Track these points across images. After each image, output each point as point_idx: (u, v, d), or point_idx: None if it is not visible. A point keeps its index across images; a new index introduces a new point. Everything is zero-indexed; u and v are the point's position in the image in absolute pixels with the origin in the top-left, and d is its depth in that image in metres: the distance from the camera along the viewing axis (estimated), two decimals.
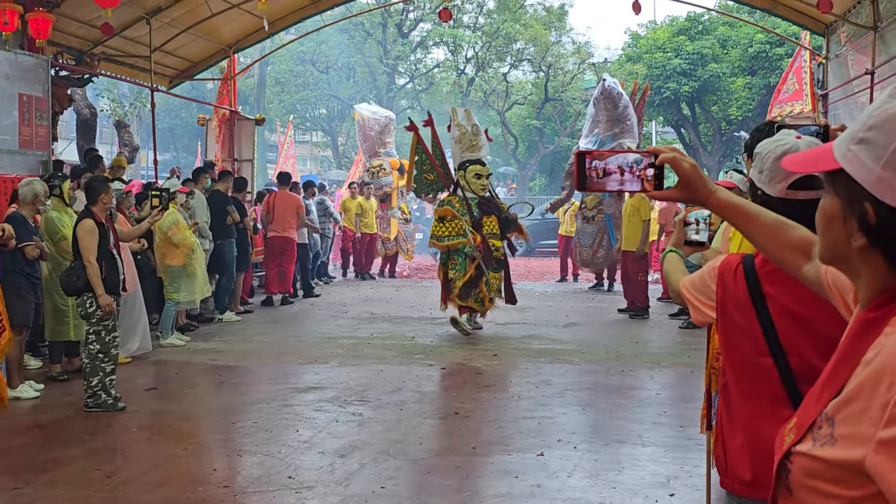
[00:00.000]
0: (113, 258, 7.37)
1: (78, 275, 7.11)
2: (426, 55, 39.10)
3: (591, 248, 15.14)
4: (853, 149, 1.30)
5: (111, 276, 7.30)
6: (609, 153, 1.90)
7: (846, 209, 1.34)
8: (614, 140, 14.78)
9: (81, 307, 7.24)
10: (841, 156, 1.32)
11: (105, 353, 7.22)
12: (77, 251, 7.20)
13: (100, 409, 7.12)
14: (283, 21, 15.77)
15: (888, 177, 1.24)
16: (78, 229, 7.21)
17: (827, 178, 1.39)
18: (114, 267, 7.36)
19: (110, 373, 7.27)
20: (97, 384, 7.17)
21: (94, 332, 7.22)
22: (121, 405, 7.21)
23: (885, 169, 1.25)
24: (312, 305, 13.96)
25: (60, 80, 11.75)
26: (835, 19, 13.43)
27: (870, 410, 1.21)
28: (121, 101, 26.31)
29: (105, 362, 7.21)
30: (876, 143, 1.27)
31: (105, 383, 7.20)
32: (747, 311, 2.44)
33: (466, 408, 7.41)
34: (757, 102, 27.13)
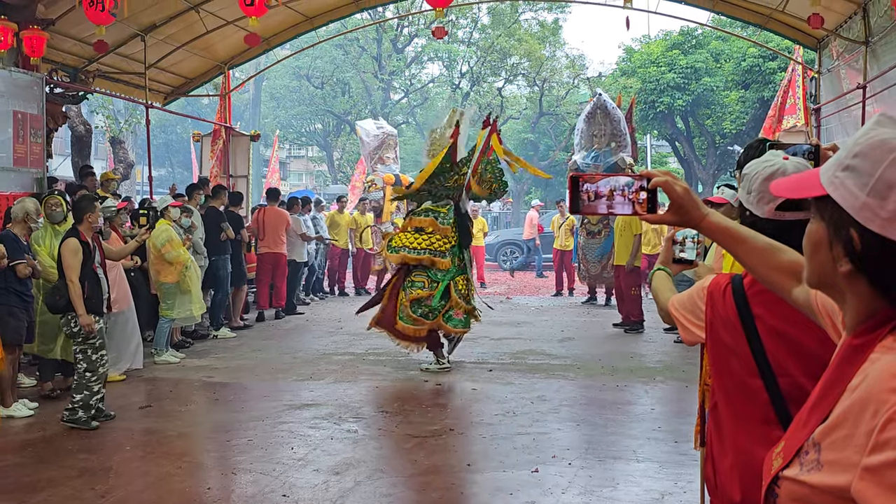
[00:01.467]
0: (97, 277, 7.36)
1: (61, 293, 7.11)
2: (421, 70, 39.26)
3: (601, 262, 15.14)
4: (839, 175, 1.31)
5: (95, 295, 7.28)
6: (601, 176, 1.91)
7: (832, 235, 1.35)
8: (612, 155, 14.84)
9: (66, 326, 7.23)
10: (827, 182, 1.33)
11: (92, 372, 7.20)
12: (62, 270, 7.19)
13: (73, 424, 7.11)
14: (278, 37, 15.84)
15: (873, 204, 1.25)
16: (63, 248, 7.19)
17: (814, 204, 1.40)
18: (97, 286, 7.35)
19: (97, 392, 7.24)
20: (79, 401, 7.16)
21: (81, 350, 7.23)
22: (94, 424, 7.18)
23: (871, 196, 1.26)
24: (308, 321, 13.94)
25: (55, 98, 11.76)
26: (826, 34, 13.50)
27: (855, 437, 1.21)
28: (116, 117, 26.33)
29: (92, 381, 7.19)
30: (861, 170, 1.28)
31: (88, 402, 7.17)
32: (736, 331, 2.44)
33: (461, 424, 7.40)
34: (751, 116, 27.19)
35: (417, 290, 9.52)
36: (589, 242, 15.28)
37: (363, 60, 35.01)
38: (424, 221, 9.77)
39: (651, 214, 1.90)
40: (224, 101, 16.40)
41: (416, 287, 9.54)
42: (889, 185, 1.25)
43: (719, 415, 2.54)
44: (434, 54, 37.73)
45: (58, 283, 7.19)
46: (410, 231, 9.74)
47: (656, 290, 2.93)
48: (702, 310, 2.56)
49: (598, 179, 1.91)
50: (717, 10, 14.89)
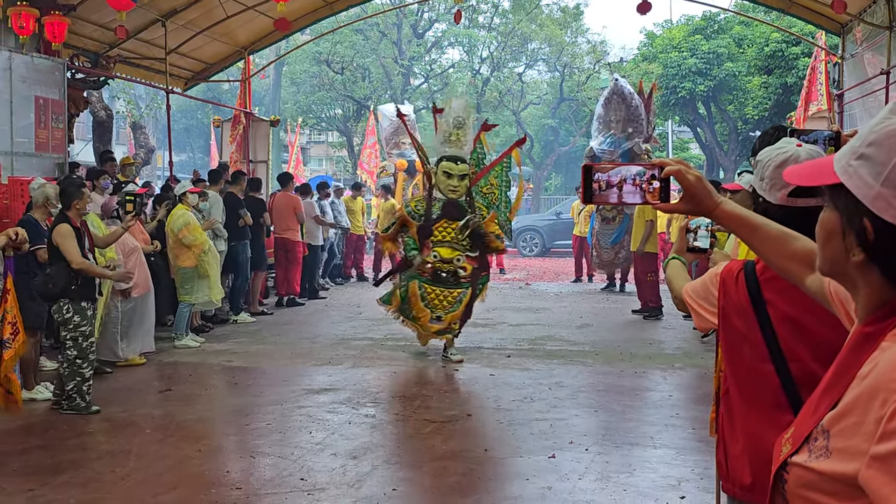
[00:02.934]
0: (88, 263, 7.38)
1: (54, 281, 7.08)
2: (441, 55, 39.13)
3: (614, 248, 15.13)
4: (853, 164, 1.30)
5: (87, 281, 7.28)
6: (614, 165, 1.91)
7: (845, 223, 1.34)
8: (628, 140, 14.77)
9: (58, 313, 7.21)
10: (841, 170, 1.32)
11: (83, 359, 7.22)
12: (53, 257, 7.18)
13: (74, 412, 7.13)
14: (298, 22, 15.83)
15: (887, 194, 1.25)
16: (55, 235, 7.15)
17: (828, 192, 1.39)
18: None
19: (88, 378, 7.25)
20: (73, 388, 7.17)
21: (72, 338, 7.22)
22: (94, 408, 7.21)
23: (885, 186, 1.25)
24: (327, 307, 13.99)
25: (76, 83, 11.84)
26: (850, 19, 13.36)
27: (864, 425, 1.21)
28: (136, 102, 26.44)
29: (83, 367, 7.21)
30: (876, 159, 1.27)
31: (81, 388, 7.19)
32: (748, 317, 2.45)
33: (478, 409, 7.43)
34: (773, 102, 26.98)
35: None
36: (604, 229, 15.26)
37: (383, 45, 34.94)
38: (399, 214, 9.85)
39: (664, 203, 1.90)
40: (244, 87, 16.45)
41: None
42: None
43: (731, 400, 2.55)
44: (454, 39, 37.62)
45: (49, 271, 7.13)
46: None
47: (670, 279, 2.94)
48: (715, 296, 2.57)
49: (611, 169, 1.91)
50: None
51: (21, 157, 9.89)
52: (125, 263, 8.85)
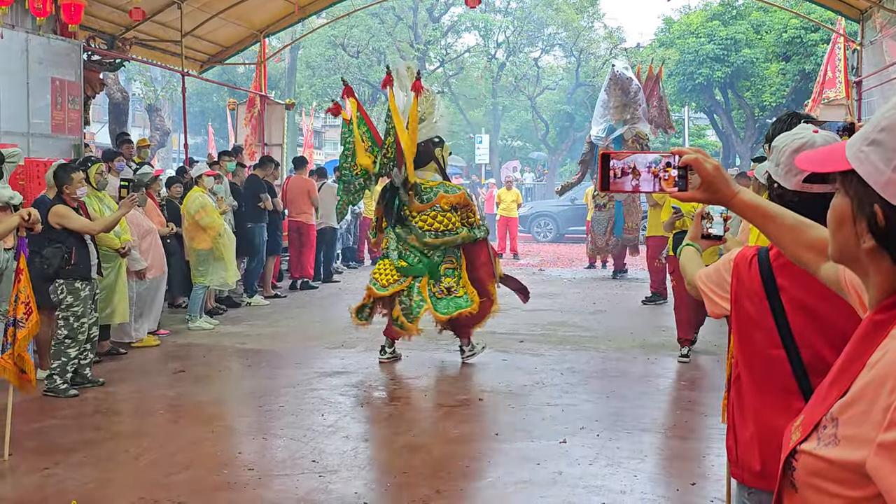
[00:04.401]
0: (84, 244, 7.38)
1: (49, 262, 7.09)
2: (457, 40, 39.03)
3: (604, 235, 15.20)
4: (865, 150, 1.29)
5: (82, 261, 7.30)
6: (630, 153, 1.90)
7: (856, 210, 1.33)
8: (625, 126, 14.74)
9: (54, 294, 7.22)
10: (853, 156, 1.32)
11: (72, 339, 7.22)
12: (47, 239, 7.13)
13: (52, 393, 7.12)
14: (314, 5, 15.82)
15: None
16: (52, 217, 7.11)
17: (839, 178, 1.38)
18: (85, 253, 7.36)
19: (74, 358, 7.26)
20: (57, 367, 7.18)
21: (63, 318, 7.24)
22: (72, 392, 7.17)
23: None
24: (340, 290, 14.02)
25: (93, 65, 11.86)
26: (870, 5, 13.26)
27: (872, 413, 1.21)
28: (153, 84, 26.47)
29: (70, 347, 7.21)
30: (887, 145, 1.26)
31: (65, 369, 7.19)
32: (761, 303, 2.45)
33: (490, 394, 7.44)
34: (791, 88, 26.85)
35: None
36: (597, 216, 15.36)
37: (399, 29, 34.89)
38: (458, 197, 8.53)
39: (680, 192, 1.89)
40: (260, 70, 16.46)
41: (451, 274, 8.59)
42: None
43: (742, 386, 2.56)
44: (470, 24, 37.50)
45: (44, 253, 7.12)
46: (448, 210, 8.41)
47: (684, 265, 2.95)
48: (728, 282, 2.56)
49: (627, 156, 1.90)
50: None
51: (37, 138, 9.93)
52: (139, 245, 8.89)
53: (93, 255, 7.50)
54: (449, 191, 8.49)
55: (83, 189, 7.44)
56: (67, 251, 7.19)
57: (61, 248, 7.17)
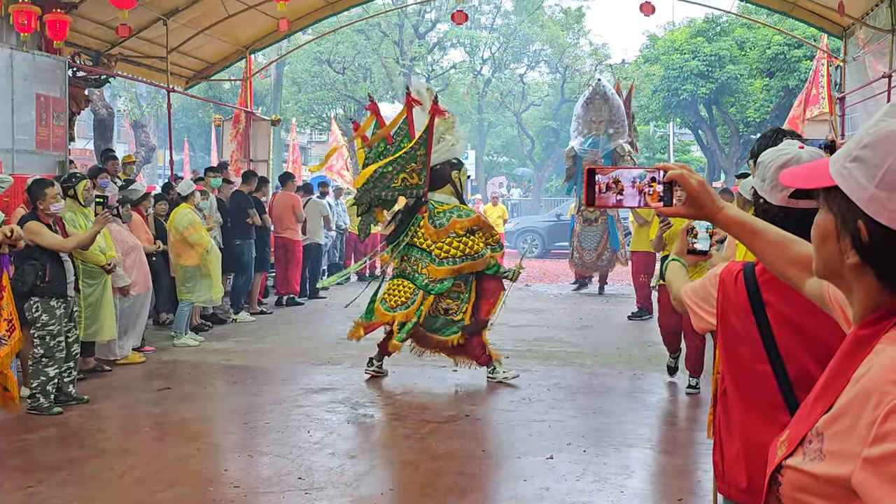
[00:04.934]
0: (60, 261, 7.28)
1: (23, 279, 7.00)
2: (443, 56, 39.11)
3: (596, 250, 15.18)
4: (848, 166, 1.30)
5: (57, 279, 7.20)
6: (615, 169, 1.91)
7: (840, 226, 1.34)
8: (610, 141, 14.81)
9: (28, 312, 7.11)
10: (836, 172, 1.33)
11: (49, 357, 7.12)
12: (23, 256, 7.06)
13: (36, 411, 7.04)
14: (299, 22, 15.86)
15: (882, 196, 1.25)
16: (26, 231, 6.99)
17: (823, 194, 1.39)
18: (61, 271, 7.27)
19: (53, 377, 7.16)
20: (37, 387, 7.09)
21: (39, 336, 7.13)
22: (56, 409, 7.09)
23: (879, 188, 1.25)
24: (326, 306, 13.99)
25: (78, 81, 11.85)
26: (852, 22, 13.37)
27: (857, 428, 1.21)
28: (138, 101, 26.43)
29: (48, 367, 7.11)
30: (870, 161, 1.27)
31: (45, 388, 7.11)
32: (747, 318, 2.46)
33: (477, 410, 7.42)
34: (775, 104, 27.02)
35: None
36: (586, 230, 15.26)
37: (385, 46, 34.93)
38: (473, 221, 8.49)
39: (665, 207, 1.91)
40: (246, 86, 16.47)
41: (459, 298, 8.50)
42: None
43: (728, 401, 2.56)
44: (456, 40, 37.59)
45: (17, 271, 7.06)
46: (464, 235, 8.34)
47: (670, 280, 2.95)
48: (714, 297, 2.58)
49: (614, 172, 1.91)
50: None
51: (22, 154, 9.89)
52: (124, 262, 8.85)
53: (69, 272, 7.40)
54: (462, 215, 8.43)
55: (58, 205, 7.35)
56: (42, 268, 7.09)
57: (35, 265, 7.07)
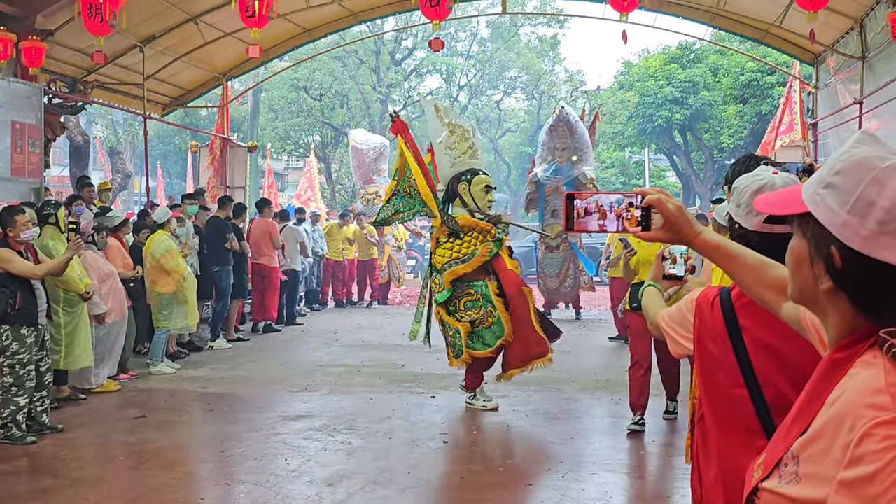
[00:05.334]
0: (31, 288, 7.22)
1: None
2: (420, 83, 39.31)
3: (558, 277, 15.16)
4: (821, 192, 1.32)
5: (28, 307, 7.12)
6: (593, 193, 1.93)
7: (814, 251, 1.36)
8: (573, 168, 14.85)
9: None
10: (809, 199, 1.35)
11: (19, 387, 7.04)
12: None
13: (9, 441, 6.96)
14: (276, 49, 15.89)
15: (854, 222, 1.27)
16: None
17: (796, 220, 1.41)
18: (32, 299, 7.20)
19: (23, 406, 7.08)
20: (8, 416, 7.00)
21: (9, 365, 7.05)
22: (29, 439, 7.02)
23: (851, 214, 1.27)
24: (304, 333, 13.94)
25: (53, 108, 11.80)
26: (823, 49, 13.56)
27: (832, 451, 1.22)
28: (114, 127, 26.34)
29: (18, 396, 7.03)
30: (842, 188, 1.29)
31: (16, 418, 7.02)
32: (723, 343, 2.48)
33: (455, 436, 7.41)
34: (749, 130, 27.27)
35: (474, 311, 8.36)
36: (548, 257, 15.22)
37: (362, 72, 35.04)
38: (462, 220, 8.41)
39: (644, 231, 1.92)
40: (222, 113, 16.46)
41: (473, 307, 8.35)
42: (869, 203, 1.26)
43: (706, 426, 2.57)
44: (433, 67, 37.81)
45: None
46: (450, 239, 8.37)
47: (646, 305, 2.97)
48: (691, 322, 2.59)
49: (592, 197, 1.93)
50: (716, 24, 14.95)
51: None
52: (100, 289, 8.78)
53: (41, 299, 7.34)
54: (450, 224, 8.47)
55: (29, 232, 7.28)
56: (12, 296, 7.01)
57: (6, 292, 7.00)
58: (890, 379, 1.22)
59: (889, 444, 1.15)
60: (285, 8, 13.00)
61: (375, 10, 15.78)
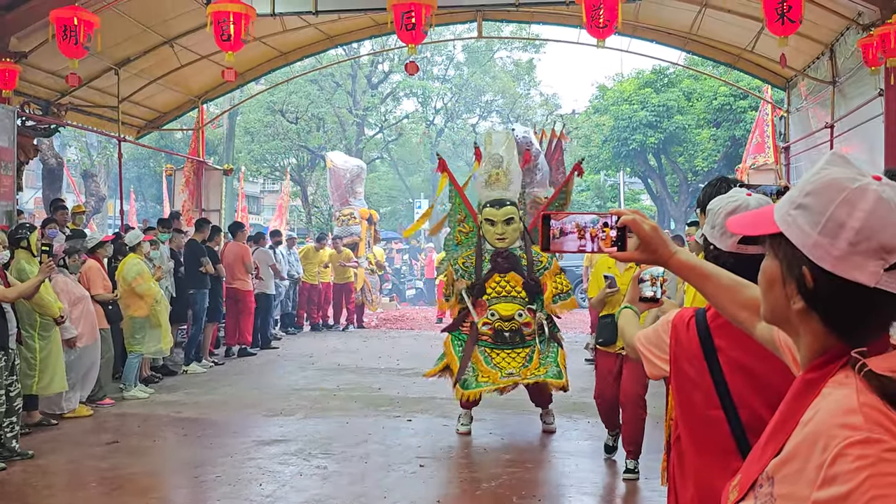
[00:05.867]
0: (1, 311, 7.16)
1: None
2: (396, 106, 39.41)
3: None
4: (792, 213, 1.33)
5: None
6: (569, 214, 1.93)
7: (786, 272, 1.37)
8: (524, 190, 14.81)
9: None
10: (780, 219, 1.36)
11: None
12: None
13: None
14: (252, 72, 15.90)
15: (825, 242, 1.28)
16: None
17: (769, 241, 1.42)
18: (2, 321, 7.14)
19: None
20: None
21: None
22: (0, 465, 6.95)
23: (822, 234, 1.28)
24: (279, 356, 13.86)
25: (26, 130, 11.72)
26: (795, 74, 13.72)
27: (806, 471, 1.23)
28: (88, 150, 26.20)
29: None
30: (813, 208, 1.30)
31: None
32: (699, 364, 2.48)
33: (432, 460, 7.37)
34: (722, 154, 27.51)
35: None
36: None
37: (338, 96, 35.09)
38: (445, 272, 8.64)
39: (619, 252, 1.93)
40: (198, 136, 16.42)
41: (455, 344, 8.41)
42: (839, 224, 1.27)
43: (682, 447, 2.57)
44: (409, 90, 37.93)
45: None
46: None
47: (623, 327, 2.97)
48: (667, 343, 2.60)
49: (565, 217, 1.93)
50: (689, 49, 15.10)
51: None
52: (71, 313, 8.70)
53: (11, 322, 7.26)
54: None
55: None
56: None
57: None
58: (862, 399, 1.23)
59: (862, 463, 1.16)
60: (261, 31, 13.02)
61: (351, 34, 15.84)
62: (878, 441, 1.17)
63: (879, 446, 1.17)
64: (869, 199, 1.27)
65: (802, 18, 8.81)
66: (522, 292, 8.22)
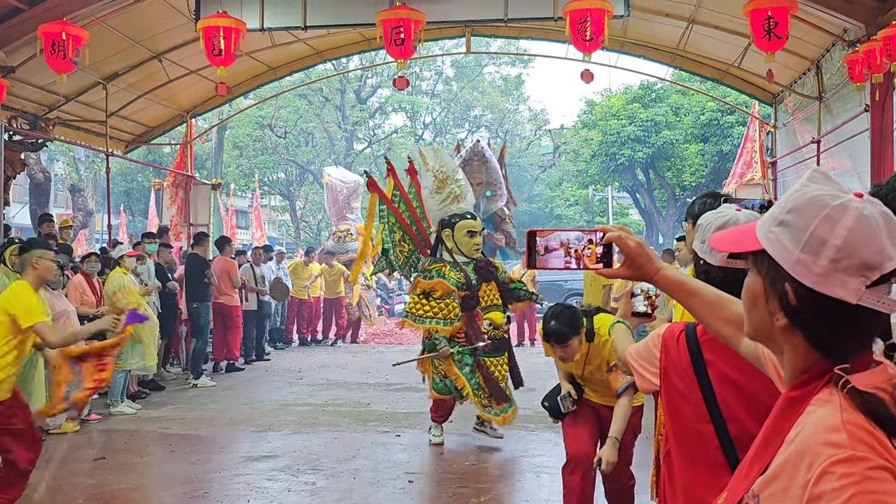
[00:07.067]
0: None
1: None
2: (385, 121, 39.47)
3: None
4: (774, 230, 1.34)
5: None
6: (554, 231, 1.93)
7: (769, 288, 1.38)
8: (488, 203, 14.83)
9: None
10: (763, 236, 1.36)
11: None
12: None
13: None
14: (241, 87, 15.91)
15: (807, 259, 1.28)
16: None
17: (751, 258, 1.42)
18: None
19: None
20: None
21: None
22: None
23: (804, 252, 1.29)
24: (267, 371, 13.81)
25: (14, 145, 11.70)
26: (781, 89, 13.81)
27: (791, 489, 1.23)
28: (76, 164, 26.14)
29: None
30: (795, 226, 1.31)
31: None
32: (689, 378, 2.49)
33: (420, 476, 7.35)
34: (710, 168, 27.65)
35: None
36: None
37: (327, 110, 35.14)
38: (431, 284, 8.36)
39: (605, 268, 1.93)
40: (186, 150, 16.40)
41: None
42: (821, 241, 1.28)
43: (672, 461, 2.58)
44: (398, 105, 38.01)
45: None
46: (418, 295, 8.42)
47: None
48: (657, 357, 2.60)
49: (550, 234, 1.93)
50: (676, 65, 15.17)
51: None
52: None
53: None
54: (425, 276, 8.44)
55: None
56: None
57: None
58: (846, 416, 1.23)
59: (847, 482, 1.16)
60: (251, 46, 13.03)
61: (340, 49, 15.87)
62: (863, 459, 1.18)
63: (864, 464, 1.17)
64: (850, 216, 1.28)
65: (789, 35, 8.89)
66: (498, 298, 8.50)
